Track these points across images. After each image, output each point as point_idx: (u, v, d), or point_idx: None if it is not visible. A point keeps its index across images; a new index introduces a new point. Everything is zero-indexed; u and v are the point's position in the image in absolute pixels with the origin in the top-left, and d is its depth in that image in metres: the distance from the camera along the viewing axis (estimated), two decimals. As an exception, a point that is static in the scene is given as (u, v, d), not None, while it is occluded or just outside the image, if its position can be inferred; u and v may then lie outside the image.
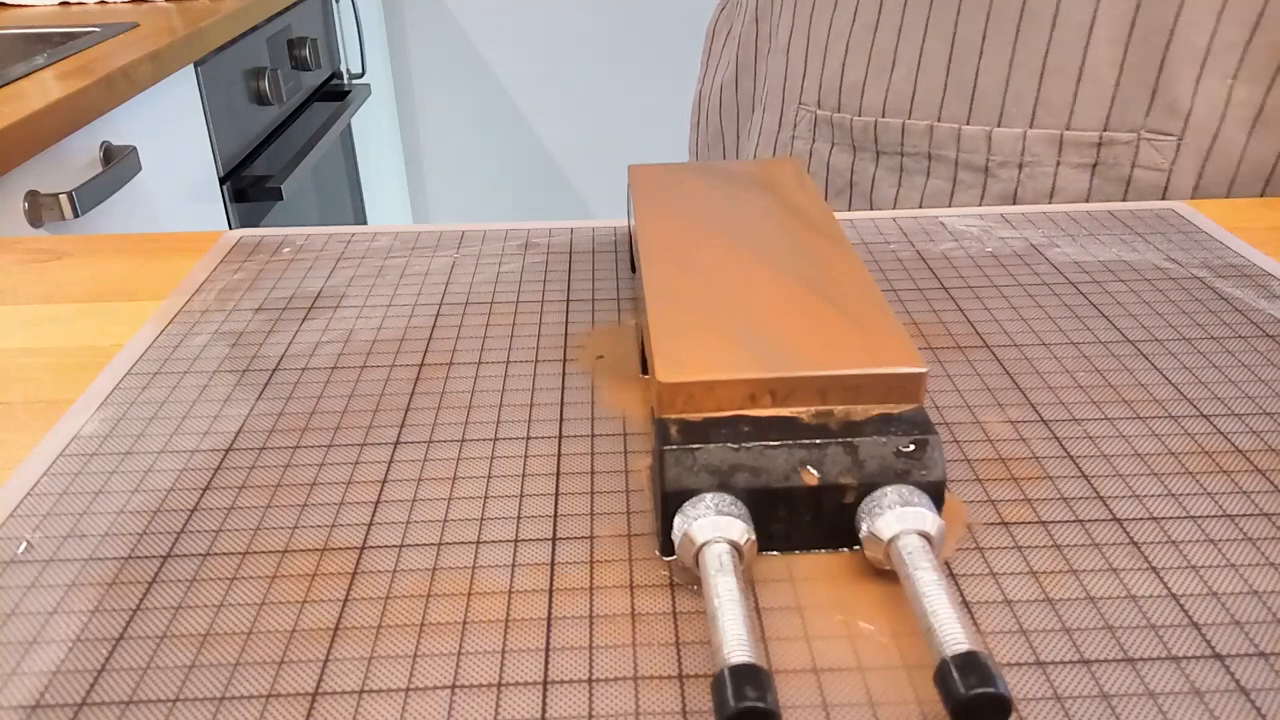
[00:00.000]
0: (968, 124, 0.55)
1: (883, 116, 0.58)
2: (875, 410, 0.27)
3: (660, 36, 2.03)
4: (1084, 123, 0.53)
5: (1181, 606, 0.24)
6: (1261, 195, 0.54)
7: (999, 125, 0.55)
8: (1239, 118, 0.52)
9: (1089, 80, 0.52)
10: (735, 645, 0.21)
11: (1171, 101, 0.52)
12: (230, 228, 1.21)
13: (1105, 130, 0.53)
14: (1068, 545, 0.27)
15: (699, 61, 0.77)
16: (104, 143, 0.97)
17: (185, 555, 0.27)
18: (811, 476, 0.26)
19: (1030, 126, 0.54)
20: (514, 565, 0.26)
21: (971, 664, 0.21)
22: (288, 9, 1.47)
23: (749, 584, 0.26)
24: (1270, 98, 0.51)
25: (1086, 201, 0.54)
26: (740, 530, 0.25)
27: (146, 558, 0.27)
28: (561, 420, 0.33)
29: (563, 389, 0.34)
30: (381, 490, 0.29)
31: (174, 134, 1.12)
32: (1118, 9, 0.51)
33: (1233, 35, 0.51)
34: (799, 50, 0.63)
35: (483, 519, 0.28)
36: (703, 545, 0.25)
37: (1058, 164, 0.54)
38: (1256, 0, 0.50)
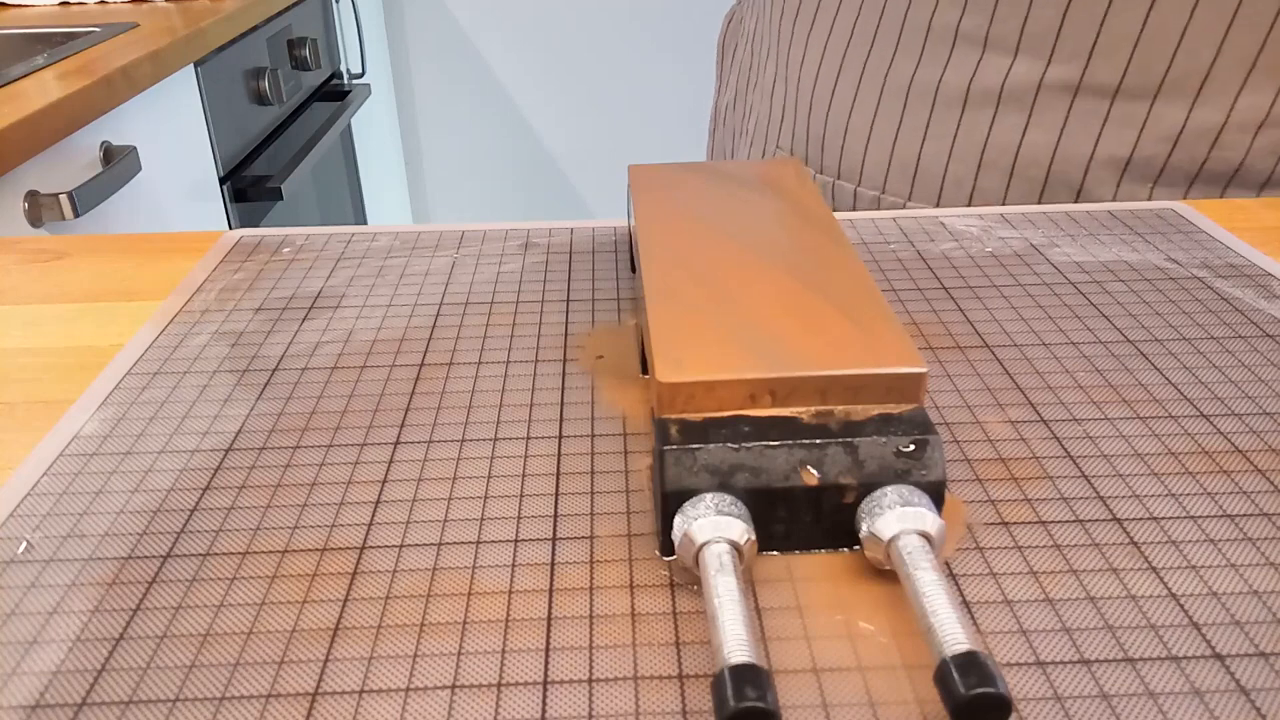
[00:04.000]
0: (910, 201, 0.59)
1: (838, 179, 0.61)
2: (875, 410, 0.27)
3: (661, 37, 2.03)
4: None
5: (1181, 606, 0.24)
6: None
7: (938, 205, 0.58)
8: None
9: (1020, 176, 0.56)
10: (735, 645, 0.21)
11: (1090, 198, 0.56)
12: (230, 228, 1.21)
13: None
14: (1068, 545, 0.27)
15: (714, 72, 0.80)
16: (104, 143, 0.97)
17: (185, 555, 0.27)
18: (811, 476, 0.26)
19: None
20: (514, 565, 0.26)
21: (971, 664, 0.21)
22: (288, 9, 1.47)
23: (749, 584, 0.26)
24: None
25: None
26: (740, 530, 0.25)
27: (146, 558, 0.27)
28: (561, 420, 0.33)
29: (563, 389, 0.34)
30: (381, 490, 0.29)
31: (174, 134, 1.12)
32: (1046, 116, 0.55)
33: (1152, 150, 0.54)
34: (779, 95, 0.65)
35: (483, 519, 0.28)
36: (703, 545, 0.25)
37: None
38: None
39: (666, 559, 0.26)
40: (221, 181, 1.23)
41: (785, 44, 0.64)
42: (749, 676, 0.21)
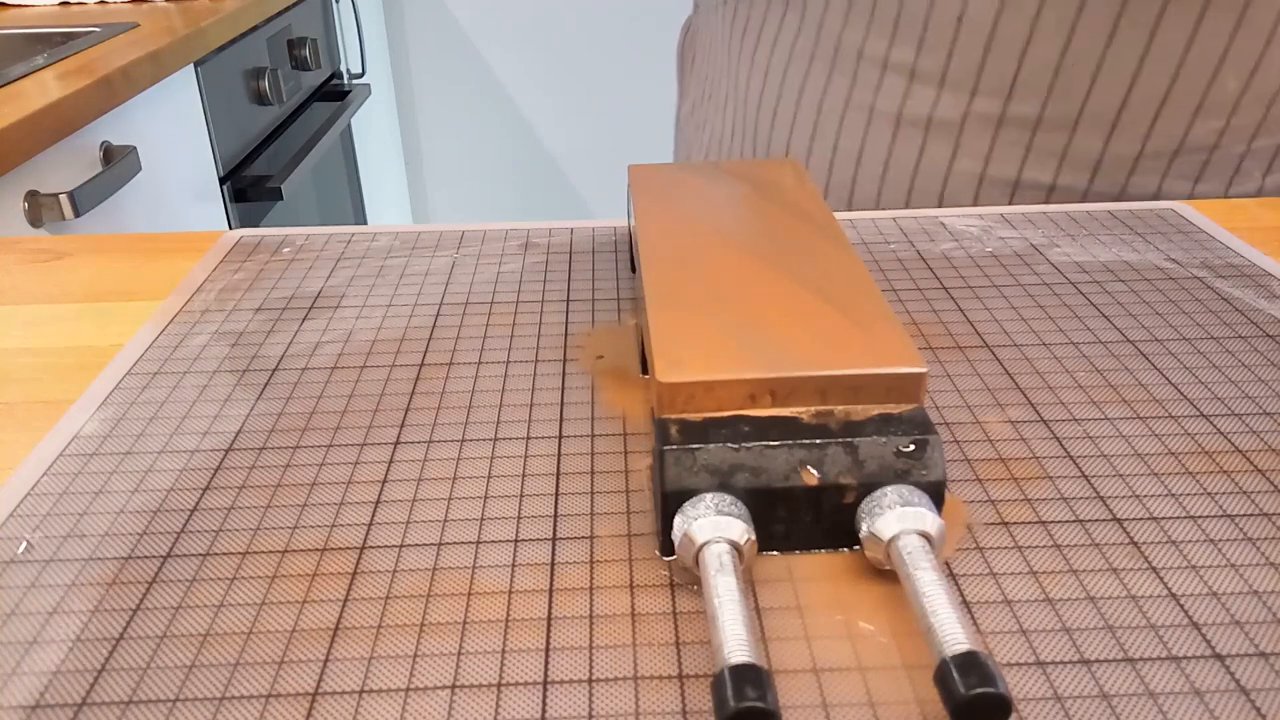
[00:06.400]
0: None
1: None
2: (875, 410, 0.27)
3: (661, 37, 2.03)
4: None
5: (1181, 606, 0.24)
6: None
7: None
8: None
9: (949, 201, 0.58)
10: (735, 645, 0.21)
11: None
12: (230, 228, 1.21)
13: None
14: (1068, 545, 0.27)
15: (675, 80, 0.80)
16: (104, 143, 0.97)
17: (185, 555, 0.27)
18: (811, 476, 0.26)
19: None
20: (514, 565, 0.26)
21: (971, 664, 0.21)
22: (288, 9, 1.47)
23: (749, 584, 0.26)
24: None
25: None
26: (740, 530, 0.25)
27: (146, 558, 0.27)
28: (561, 420, 0.33)
29: (563, 389, 0.34)
30: (381, 490, 0.29)
31: (174, 134, 1.12)
32: (973, 145, 0.56)
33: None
34: (730, 112, 0.66)
35: (483, 519, 0.28)
36: (703, 545, 0.25)
37: None
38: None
39: (666, 559, 0.26)
40: (221, 181, 1.23)
41: (734, 62, 0.65)
42: (749, 676, 0.21)
